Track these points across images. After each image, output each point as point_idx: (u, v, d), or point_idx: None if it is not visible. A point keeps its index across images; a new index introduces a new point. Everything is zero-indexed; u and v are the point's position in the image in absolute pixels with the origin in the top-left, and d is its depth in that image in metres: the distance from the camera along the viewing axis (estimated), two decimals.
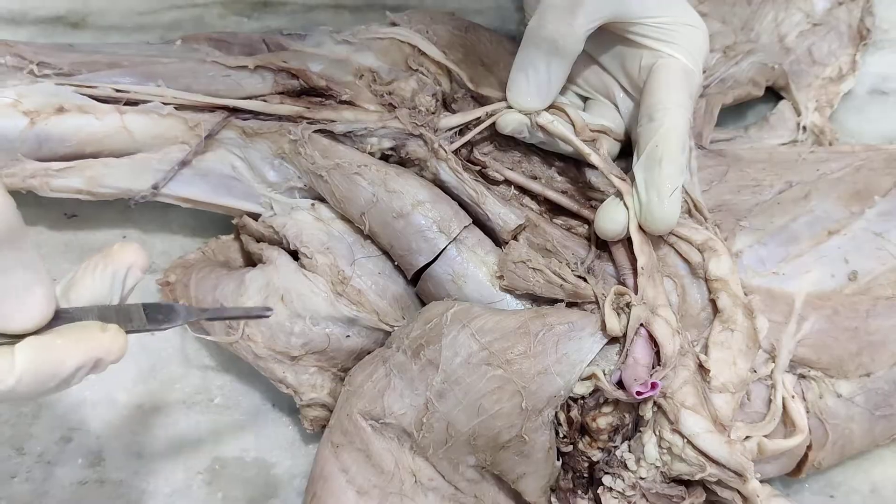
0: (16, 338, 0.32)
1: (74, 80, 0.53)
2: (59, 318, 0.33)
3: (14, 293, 0.31)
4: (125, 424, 0.54)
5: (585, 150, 0.50)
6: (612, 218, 0.48)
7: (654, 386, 0.43)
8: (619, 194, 0.48)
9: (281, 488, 0.52)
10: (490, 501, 0.48)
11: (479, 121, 0.52)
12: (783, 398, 0.48)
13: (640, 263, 0.47)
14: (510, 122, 0.51)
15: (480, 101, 0.56)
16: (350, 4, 0.69)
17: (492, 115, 0.52)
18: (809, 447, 0.50)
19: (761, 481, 0.48)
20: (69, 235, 0.58)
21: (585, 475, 0.47)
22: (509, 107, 0.51)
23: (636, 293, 0.47)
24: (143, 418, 0.54)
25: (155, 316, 0.37)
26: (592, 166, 0.54)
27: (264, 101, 0.53)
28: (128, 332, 0.35)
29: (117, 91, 0.52)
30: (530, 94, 0.50)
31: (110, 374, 0.54)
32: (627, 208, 0.48)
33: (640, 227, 0.48)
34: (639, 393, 0.43)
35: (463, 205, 0.51)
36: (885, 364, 0.51)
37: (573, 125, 0.51)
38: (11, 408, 0.54)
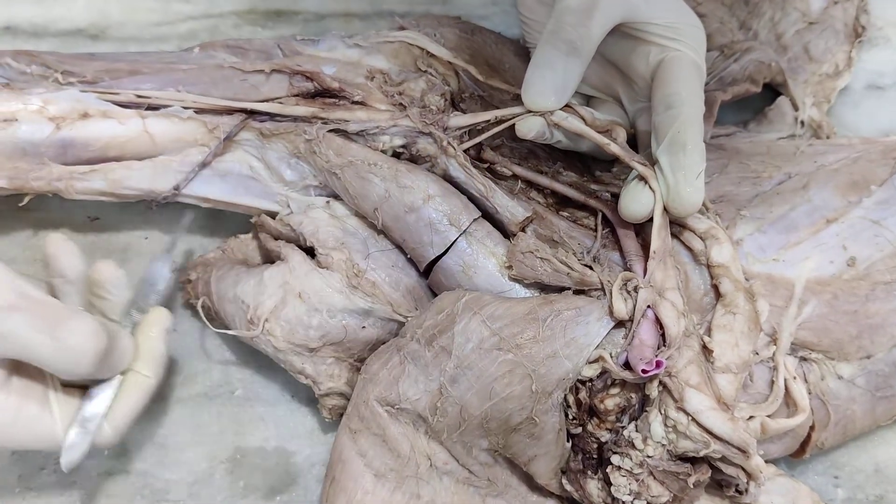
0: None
1: (98, 87, 0.55)
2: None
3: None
4: (149, 417, 0.55)
5: (604, 141, 0.52)
6: (639, 200, 0.49)
7: (658, 364, 0.44)
8: (640, 179, 0.50)
9: (301, 476, 0.54)
10: (503, 484, 0.50)
11: (488, 123, 0.54)
12: (785, 379, 0.50)
13: (653, 247, 0.49)
14: (533, 126, 0.51)
15: (488, 100, 0.58)
16: (360, 12, 0.71)
17: (502, 119, 0.53)
18: (812, 428, 0.51)
19: (766, 462, 0.50)
20: (92, 237, 0.60)
21: (595, 456, 0.48)
22: (527, 111, 0.51)
23: (644, 277, 0.48)
24: (166, 411, 0.56)
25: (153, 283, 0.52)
26: (600, 160, 0.57)
27: (280, 103, 0.55)
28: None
29: (139, 96, 0.54)
30: (547, 93, 0.50)
31: None
32: (653, 191, 0.49)
33: (664, 211, 0.49)
34: (644, 371, 0.44)
35: (472, 199, 0.53)
36: (884, 346, 0.52)
37: (584, 120, 0.52)
38: None
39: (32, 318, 0.42)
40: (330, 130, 0.54)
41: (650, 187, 0.49)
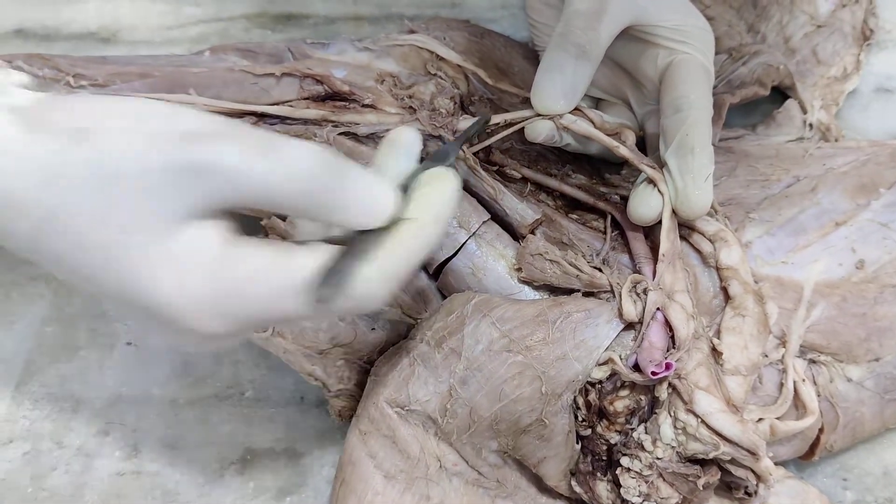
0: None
1: (109, 90, 0.55)
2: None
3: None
4: (160, 418, 0.56)
5: (612, 143, 0.52)
6: (648, 203, 0.50)
7: (668, 366, 0.45)
8: (649, 182, 0.50)
9: (310, 477, 0.54)
10: (512, 485, 0.50)
11: (497, 126, 0.54)
12: (794, 382, 0.50)
13: (662, 250, 0.49)
14: (542, 129, 0.52)
15: (497, 104, 0.58)
16: (369, 16, 0.72)
17: (512, 122, 0.53)
18: (821, 430, 0.51)
19: (775, 464, 0.50)
20: None
21: (604, 458, 0.49)
22: (537, 115, 0.52)
23: (653, 280, 0.48)
24: (177, 412, 0.56)
25: (441, 159, 0.44)
26: (609, 162, 0.57)
27: (291, 106, 0.55)
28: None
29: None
30: (556, 97, 0.51)
31: (145, 371, 0.57)
32: (662, 194, 0.49)
33: (673, 213, 0.50)
34: (654, 373, 0.44)
35: (481, 201, 0.53)
36: (893, 349, 0.52)
37: (593, 123, 0.53)
38: (52, 403, 0.56)
39: (244, 145, 0.35)
40: (340, 133, 0.54)
41: (659, 190, 0.50)
